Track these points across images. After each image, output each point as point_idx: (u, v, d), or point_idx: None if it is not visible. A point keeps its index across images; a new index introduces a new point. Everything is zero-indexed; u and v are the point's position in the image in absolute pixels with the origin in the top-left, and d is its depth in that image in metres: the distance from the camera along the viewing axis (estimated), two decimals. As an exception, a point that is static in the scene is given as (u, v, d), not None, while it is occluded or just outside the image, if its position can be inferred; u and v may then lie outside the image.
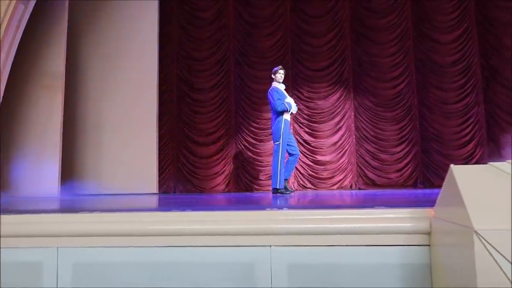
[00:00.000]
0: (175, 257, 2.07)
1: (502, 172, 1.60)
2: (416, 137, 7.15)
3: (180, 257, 2.06)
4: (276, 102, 4.97)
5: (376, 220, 1.88)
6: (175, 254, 2.06)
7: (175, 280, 2.04)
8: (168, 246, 2.08)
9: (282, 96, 5.07)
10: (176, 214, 2.13)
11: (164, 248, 2.08)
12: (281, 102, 4.99)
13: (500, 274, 1.38)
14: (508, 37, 7.08)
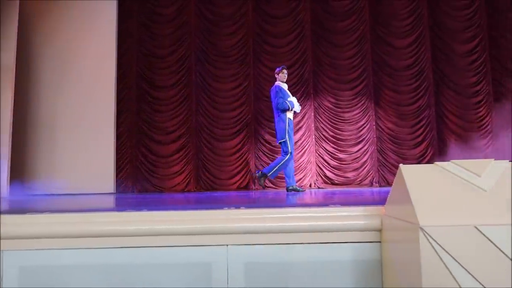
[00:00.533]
0: (130, 258, 2.02)
1: (447, 171, 1.69)
2: (372, 137, 7.40)
3: (135, 258, 2.02)
4: (279, 100, 5.01)
5: (331, 218, 1.93)
6: (129, 256, 2.02)
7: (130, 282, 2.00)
8: (123, 247, 2.03)
9: (285, 95, 5.11)
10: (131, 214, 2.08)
11: (118, 250, 2.03)
12: (283, 100, 5.03)
13: (444, 269, 1.46)
14: (457, 43, 7.49)
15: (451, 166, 1.69)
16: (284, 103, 5.00)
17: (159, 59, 7.57)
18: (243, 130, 7.43)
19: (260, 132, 7.41)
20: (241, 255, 1.88)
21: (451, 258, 1.46)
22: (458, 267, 1.46)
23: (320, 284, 1.93)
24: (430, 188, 1.64)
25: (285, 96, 5.12)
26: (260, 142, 7.39)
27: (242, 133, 7.41)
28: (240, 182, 7.26)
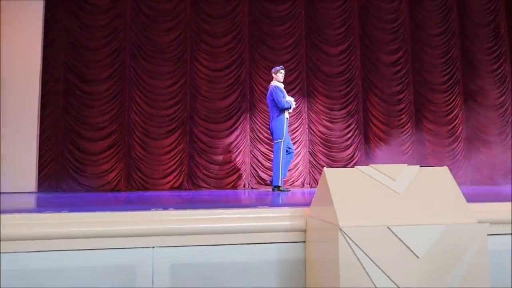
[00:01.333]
0: (50, 262, 1.90)
1: (366, 175, 1.80)
2: (305, 140, 7.65)
3: (55, 262, 1.91)
4: (281, 100, 5.12)
5: (258, 219, 1.97)
6: (48, 259, 1.90)
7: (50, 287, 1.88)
8: (42, 251, 1.90)
9: (285, 94, 5.23)
10: (51, 216, 1.96)
11: (37, 253, 1.90)
12: (285, 99, 5.14)
13: (360, 269, 1.55)
14: (383, 54, 8.01)
15: (369, 170, 1.81)
16: (287, 102, 5.16)
17: (89, 51, 7.18)
18: (178, 129, 7.30)
19: (196, 132, 7.34)
20: (167, 257, 1.85)
21: (367, 257, 1.56)
22: (373, 266, 1.56)
23: (246, 285, 1.96)
24: (351, 190, 1.74)
25: (285, 96, 5.24)
26: (195, 142, 7.31)
27: (177, 132, 7.28)
28: (174, 182, 7.13)
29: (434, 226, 1.59)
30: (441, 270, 1.58)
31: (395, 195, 1.71)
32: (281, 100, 5.19)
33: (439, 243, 1.57)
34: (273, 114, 5.31)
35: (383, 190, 1.73)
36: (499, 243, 2.12)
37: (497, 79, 8.24)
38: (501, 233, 2.11)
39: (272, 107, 5.30)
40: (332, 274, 1.60)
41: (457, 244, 1.60)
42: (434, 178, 1.80)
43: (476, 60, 8.26)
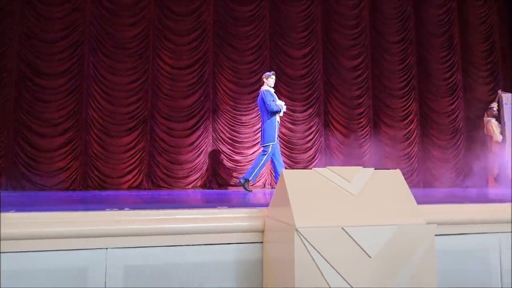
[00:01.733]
0: (-6, 265, 1.80)
1: (323, 176, 1.84)
2: (267, 141, 7.69)
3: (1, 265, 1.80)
4: (271, 103, 5.28)
5: (216, 219, 1.95)
6: (-8, 262, 1.79)
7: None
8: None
9: (275, 98, 5.41)
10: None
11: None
12: (275, 103, 5.31)
13: (315, 269, 1.58)
14: (345, 58, 8.22)
15: (326, 172, 1.85)
16: (277, 106, 5.31)
17: (45, 44, 6.86)
18: (139, 127, 7.13)
19: (157, 130, 7.20)
20: (121, 258, 1.80)
21: (322, 257, 1.59)
22: (327, 266, 1.59)
23: (203, 286, 1.94)
24: (308, 192, 1.76)
25: (275, 99, 5.40)
26: (156, 141, 7.17)
27: (137, 130, 7.11)
28: (132, 181, 6.96)
29: (386, 226, 1.64)
30: (392, 269, 1.64)
31: (350, 196, 1.76)
32: (270, 103, 5.32)
33: (390, 243, 1.63)
34: (264, 118, 5.44)
35: (339, 192, 1.77)
36: (446, 243, 2.22)
37: (449, 87, 8.67)
38: (448, 233, 2.21)
39: (263, 110, 5.43)
40: (288, 274, 1.62)
41: (407, 244, 1.66)
42: (387, 181, 1.87)
43: (431, 68, 8.65)
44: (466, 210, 2.29)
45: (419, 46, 8.67)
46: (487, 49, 8.93)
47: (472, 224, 2.26)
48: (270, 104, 5.33)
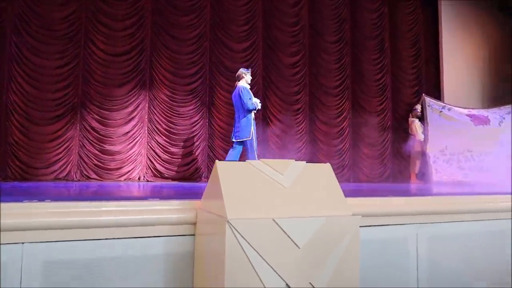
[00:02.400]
0: None
1: (256, 169, 1.85)
2: (204, 134, 7.62)
3: None
4: (248, 102, 5.34)
5: (145, 212, 1.89)
6: None
7: None
8: None
9: (251, 96, 5.48)
10: None
11: None
12: (251, 101, 5.38)
13: (246, 260, 1.59)
14: (284, 55, 8.36)
15: (260, 165, 1.86)
16: (252, 104, 5.38)
17: (-41, 19, 6.18)
18: (67, 115, 6.68)
19: (88, 119, 6.81)
20: (39, 253, 1.67)
21: (253, 249, 1.60)
22: (258, 257, 1.60)
23: (130, 281, 1.87)
24: (241, 184, 1.76)
25: (251, 97, 5.45)
26: (86, 130, 6.79)
27: (66, 118, 6.66)
28: (59, 172, 6.53)
29: (314, 218, 1.69)
30: (319, 259, 1.69)
31: (282, 188, 1.78)
32: (247, 102, 5.40)
33: (318, 234, 1.68)
34: (240, 114, 5.49)
35: (271, 184, 1.79)
36: (370, 233, 2.35)
37: (379, 88, 9.19)
38: (371, 224, 2.34)
39: (239, 106, 5.49)
40: (218, 267, 1.61)
41: (333, 235, 1.73)
42: (317, 174, 1.92)
43: (363, 69, 9.10)
44: (388, 203, 2.44)
45: (353, 48, 9.07)
46: (414, 54, 9.58)
47: (393, 216, 2.42)
48: (247, 103, 5.39)
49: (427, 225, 2.64)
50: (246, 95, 5.44)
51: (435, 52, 9.62)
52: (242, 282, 1.56)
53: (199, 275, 1.91)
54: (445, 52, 9.43)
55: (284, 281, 1.61)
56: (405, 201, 2.54)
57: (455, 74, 9.43)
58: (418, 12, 9.64)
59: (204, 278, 1.83)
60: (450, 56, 9.45)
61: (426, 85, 9.53)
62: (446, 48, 9.44)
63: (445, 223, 2.72)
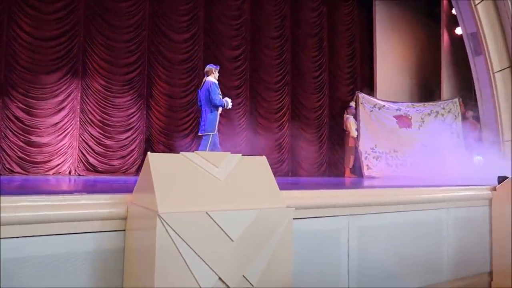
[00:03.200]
0: None
1: (191, 161, 1.80)
2: (142, 126, 7.37)
3: None
4: (216, 98, 5.41)
5: (71, 206, 1.77)
6: None
7: None
8: None
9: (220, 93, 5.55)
10: None
11: None
12: (220, 97, 5.45)
13: (177, 254, 1.54)
14: (225, 48, 8.31)
15: (194, 157, 1.82)
16: (220, 100, 5.42)
17: None
18: (-13, 103, 6.13)
19: (12, 108, 6.28)
20: None
21: (185, 243, 1.56)
22: (190, 252, 1.56)
23: (52, 281, 1.74)
24: (174, 176, 1.71)
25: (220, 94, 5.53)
26: (10, 119, 6.26)
27: (-15, 106, 6.10)
28: (-23, 165, 5.97)
29: (248, 210, 1.69)
30: (253, 251, 1.69)
31: (217, 181, 1.76)
32: (216, 97, 5.44)
33: (252, 226, 1.68)
34: (207, 108, 5.52)
35: (206, 177, 1.76)
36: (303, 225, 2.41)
37: (317, 85, 9.46)
38: (305, 217, 2.40)
39: (207, 101, 5.52)
40: (149, 262, 1.55)
41: (267, 227, 1.74)
42: (253, 167, 1.92)
43: (303, 66, 9.31)
44: (321, 195, 2.51)
45: (294, 45, 9.23)
46: (349, 54, 9.97)
47: (326, 208, 2.49)
48: (215, 98, 5.43)
49: (358, 216, 2.76)
50: (215, 91, 5.50)
51: (370, 52, 10.10)
52: (173, 277, 1.52)
53: (130, 272, 1.83)
54: (379, 52, 9.94)
55: (217, 274, 1.59)
56: (337, 194, 2.63)
57: (387, 73, 9.98)
58: (354, 13, 10.03)
59: (135, 275, 1.76)
60: (383, 56, 9.97)
61: (361, 83, 9.98)
62: (379, 48, 9.95)
63: (374, 214, 2.86)
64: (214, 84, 5.55)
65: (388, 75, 9.99)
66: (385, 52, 10.00)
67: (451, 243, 3.42)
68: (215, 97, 5.45)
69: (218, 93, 5.52)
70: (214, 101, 5.44)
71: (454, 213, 3.43)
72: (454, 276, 3.45)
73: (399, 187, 3.32)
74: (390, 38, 10.12)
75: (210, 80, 5.61)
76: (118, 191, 2.20)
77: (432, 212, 3.28)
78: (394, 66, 10.12)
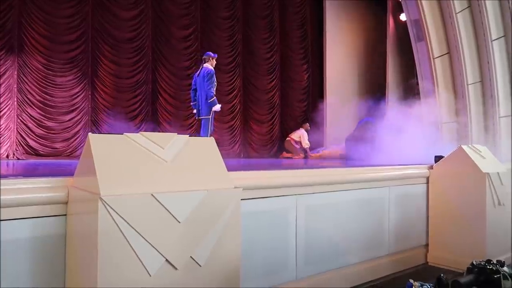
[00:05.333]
0: None
1: (135, 142, 1.75)
2: (87, 107, 7.04)
3: None
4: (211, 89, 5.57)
5: (7, 191, 1.67)
6: None
7: None
8: None
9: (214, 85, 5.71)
10: None
11: None
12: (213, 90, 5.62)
13: (121, 238, 1.50)
14: (175, 27, 8.07)
15: (139, 138, 1.76)
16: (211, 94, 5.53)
17: None
18: None
19: None
20: None
21: (129, 226, 1.52)
22: (135, 234, 1.53)
23: (-14, 269, 1.64)
24: (117, 158, 1.65)
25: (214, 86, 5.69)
26: None
27: None
28: None
29: (195, 192, 1.68)
30: (200, 232, 1.69)
31: (163, 163, 1.73)
32: (210, 89, 5.59)
33: (199, 207, 1.68)
34: (202, 93, 5.62)
35: (151, 158, 1.72)
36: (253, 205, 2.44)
37: (269, 67, 9.48)
38: (254, 197, 2.43)
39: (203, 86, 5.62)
40: (91, 247, 1.50)
41: (215, 208, 1.74)
42: (200, 148, 1.90)
43: (254, 47, 9.27)
44: (269, 175, 2.55)
45: (245, 25, 9.15)
46: (301, 36, 10.05)
47: (274, 188, 2.54)
48: (208, 90, 5.56)
49: (305, 195, 2.84)
50: (210, 83, 5.68)
51: (320, 34, 10.24)
52: (118, 262, 1.48)
53: (72, 258, 1.77)
54: (328, 35, 10.10)
55: (164, 256, 1.58)
56: (285, 174, 2.68)
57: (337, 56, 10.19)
58: (305, -5, 10.09)
59: (78, 261, 1.70)
60: (332, 39, 10.15)
61: (311, 64, 10.13)
62: (329, 31, 10.10)
63: (321, 193, 2.96)
64: (210, 73, 5.71)
65: (338, 57, 10.21)
66: (334, 35, 10.19)
67: (392, 219, 3.63)
68: (210, 88, 5.66)
69: (212, 86, 5.70)
70: (206, 91, 5.63)
71: (395, 190, 3.63)
72: (394, 250, 3.67)
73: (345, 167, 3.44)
74: (339, 21, 10.30)
75: (206, 67, 5.75)
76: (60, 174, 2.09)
77: (375, 190, 3.45)
78: (344, 48, 10.35)
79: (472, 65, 7.91)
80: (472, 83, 7.92)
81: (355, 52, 10.56)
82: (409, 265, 3.82)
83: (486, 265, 1.14)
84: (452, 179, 3.81)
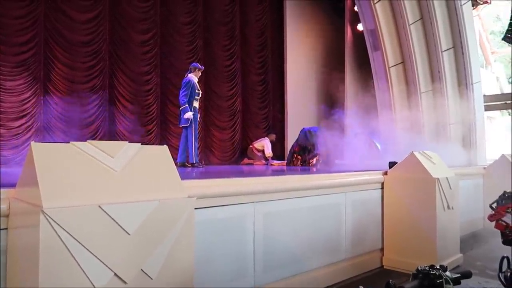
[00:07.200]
0: None
1: (82, 151, 1.67)
2: (39, 113, 6.72)
3: None
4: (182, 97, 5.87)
5: None
6: None
7: None
8: None
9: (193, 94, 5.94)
10: None
11: None
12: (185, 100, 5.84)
13: (65, 252, 1.43)
14: (134, 32, 7.89)
15: (87, 147, 1.69)
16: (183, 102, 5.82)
17: None
18: None
19: None
20: None
21: (74, 240, 1.45)
22: (80, 248, 1.46)
23: None
24: (62, 168, 1.58)
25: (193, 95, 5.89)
26: None
27: None
28: None
29: (146, 202, 1.63)
30: (152, 244, 1.64)
31: (112, 172, 1.66)
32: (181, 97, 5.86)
33: (151, 218, 1.63)
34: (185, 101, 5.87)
35: (100, 168, 1.65)
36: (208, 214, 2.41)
37: (230, 74, 9.47)
38: (210, 206, 2.40)
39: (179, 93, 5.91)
40: (33, 262, 1.42)
41: (167, 218, 1.70)
42: (153, 156, 1.85)
43: (215, 54, 9.23)
44: (225, 183, 2.53)
45: (206, 32, 9.09)
46: (261, 44, 10.13)
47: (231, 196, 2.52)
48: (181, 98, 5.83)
49: (263, 203, 2.84)
50: (184, 91, 5.87)
51: (280, 43, 10.36)
52: (61, 277, 1.41)
53: (13, 275, 1.66)
54: (289, 43, 10.26)
55: (112, 270, 1.51)
56: (242, 182, 2.67)
57: (297, 64, 10.36)
58: (266, 4, 10.19)
59: (18, 277, 1.60)
60: (292, 47, 10.32)
61: (271, 73, 10.23)
62: (289, 39, 10.27)
63: (279, 201, 2.97)
64: (184, 82, 5.92)
65: (298, 65, 10.39)
66: (295, 44, 10.37)
67: (349, 224, 3.71)
68: (182, 97, 5.88)
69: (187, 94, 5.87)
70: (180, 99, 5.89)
71: (351, 196, 3.71)
72: (351, 254, 3.75)
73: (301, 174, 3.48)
74: (299, 30, 10.50)
75: (188, 77, 5.98)
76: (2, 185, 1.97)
77: (332, 196, 3.51)
78: (303, 57, 10.55)
79: (424, 74, 8.29)
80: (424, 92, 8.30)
81: (315, 58, 10.80)
82: (365, 269, 3.92)
83: (430, 270, 1.18)
84: (404, 184, 3.95)
